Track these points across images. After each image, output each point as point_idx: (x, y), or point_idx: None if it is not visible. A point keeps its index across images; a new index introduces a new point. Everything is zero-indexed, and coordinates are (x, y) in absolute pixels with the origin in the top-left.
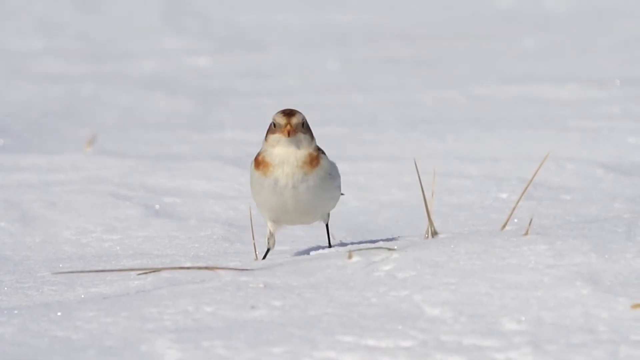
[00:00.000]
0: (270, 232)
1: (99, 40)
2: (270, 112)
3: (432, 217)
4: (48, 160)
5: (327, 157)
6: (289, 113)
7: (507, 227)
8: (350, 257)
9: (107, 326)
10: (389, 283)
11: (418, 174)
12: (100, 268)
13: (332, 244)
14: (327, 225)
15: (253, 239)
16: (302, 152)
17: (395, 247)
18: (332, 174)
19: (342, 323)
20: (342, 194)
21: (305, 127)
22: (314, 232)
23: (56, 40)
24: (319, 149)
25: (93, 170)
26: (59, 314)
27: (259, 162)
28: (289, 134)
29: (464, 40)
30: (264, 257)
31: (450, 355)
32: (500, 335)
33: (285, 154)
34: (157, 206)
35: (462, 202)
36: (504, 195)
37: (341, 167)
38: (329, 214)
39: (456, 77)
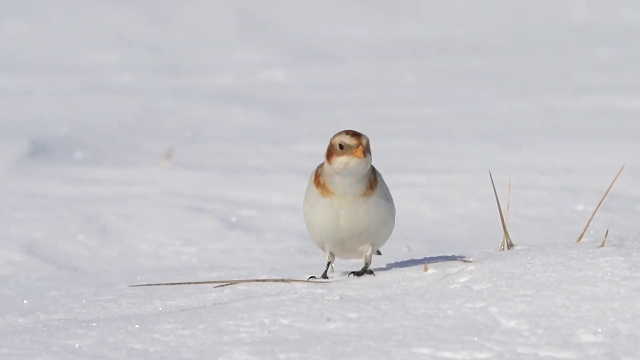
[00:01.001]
0: (328, 260)
1: (174, 54)
2: (345, 125)
3: (508, 229)
4: (125, 174)
5: (383, 181)
6: (355, 134)
7: (583, 239)
8: (426, 269)
9: (184, 339)
10: (465, 295)
11: (493, 186)
12: (177, 281)
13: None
14: (367, 263)
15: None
16: (364, 180)
17: (471, 259)
18: (388, 198)
19: (418, 335)
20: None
21: (368, 148)
22: (389, 244)
23: (132, 54)
24: (374, 169)
25: (170, 183)
26: (136, 326)
27: (319, 183)
28: (364, 154)
29: (538, 52)
30: (325, 274)
31: None
32: (576, 347)
33: (352, 179)
34: (233, 219)
35: (538, 214)
36: (580, 207)
37: (417, 179)
38: (377, 251)
39: (531, 89)
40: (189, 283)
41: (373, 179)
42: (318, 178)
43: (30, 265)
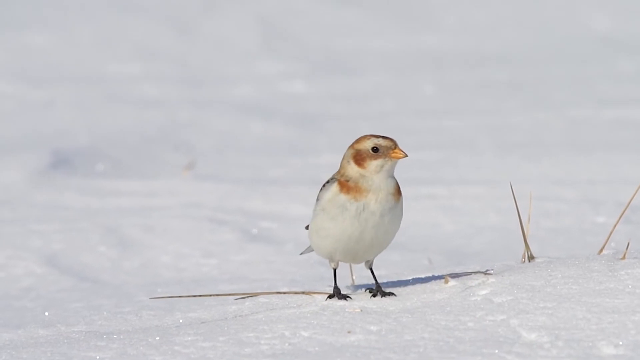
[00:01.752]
0: (334, 265)
1: (195, 66)
2: None
3: (529, 241)
4: (146, 186)
5: None
6: (384, 137)
7: (604, 251)
8: (446, 281)
9: (205, 351)
10: (485, 307)
11: (514, 198)
12: (198, 293)
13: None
14: (372, 269)
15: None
16: (394, 181)
17: (492, 272)
18: (400, 204)
19: (438, 347)
20: None
21: None
22: (410, 256)
23: (153, 65)
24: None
25: (190, 195)
26: (157, 338)
27: (348, 187)
28: (405, 153)
29: (560, 64)
30: (335, 285)
31: None
32: (597, 359)
33: (385, 181)
34: (254, 230)
35: (559, 226)
36: (601, 219)
37: (437, 191)
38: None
39: (552, 101)
40: (210, 295)
41: (398, 187)
42: (345, 184)
43: (51, 277)
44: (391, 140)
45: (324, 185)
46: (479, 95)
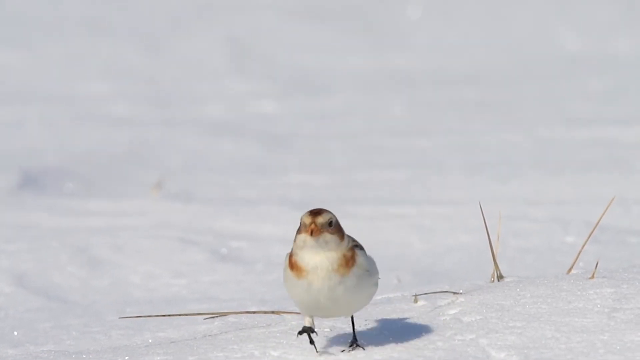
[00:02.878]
0: (308, 323)
1: (164, 85)
2: (336, 156)
3: (498, 261)
4: (115, 205)
5: (364, 253)
6: (316, 212)
7: (573, 271)
8: (416, 301)
9: None
10: (454, 327)
11: (483, 218)
12: (167, 312)
13: (357, 337)
14: (352, 318)
15: None
16: (334, 255)
17: (461, 291)
18: (370, 270)
19: None
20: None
21: (333, 227)
22: (381, 276)
23: (122, 85)
24: (354, 246)
25: (160, 214)
26: (126, 358)
27: (292, 264)
28: (312, 233)
29: (529, 83)
30: (311, 341)
31: None
32: None
33: (319, 259)
34: (223, 250)
35: (528, 245)
36: (570, 239)
37: (406, 210)
38: None
39: (521, 120)
40: (179, 315)
41: (350, 256)
42: (291, 259)
43: (19, 296)
44: (314, 217)
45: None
46: (448, 115)
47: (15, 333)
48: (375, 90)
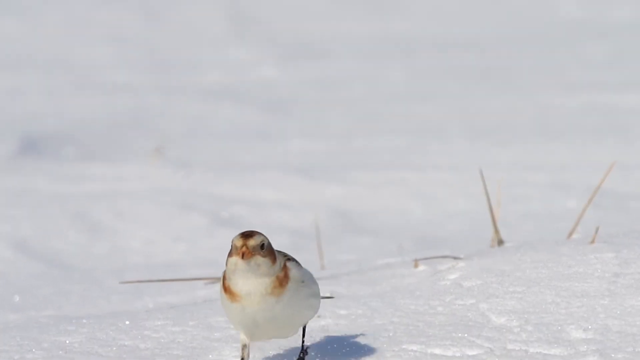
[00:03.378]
0: (243, 343)
1: (165, 51)
2: (336, 122)
3: (498, 226)
4: (115, 171)
5: (296, 264)
6: (247, 235)
7: (573, 236)
8: (416, 265)
9: (174, 335)
10: (455, 292)
11: (484, 183)
12: (167, 277)
13: (305, 348)
14: (304, 328)
15: (319, 247)
16: (267, 280)
17: (462, 256)
18: (306, 281)
19: (408, 332)
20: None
21: (265, 249)
22: (380, 242)
23: (123, 51)
24: (287, 260)
25: (160, 180)
26: (127, 323)
27: (225, 287)
28: (243, 256)
29: (529, 49)
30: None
31: None
32: (566, 343)
33: (252, 285)
34: (224, 215)
35: (529, 210)
36: (571, 204)
37: (407, 177)
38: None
39: (522, 86)
40: (179, 280)
41: (283, 276)
42: (225, 282)
43: (20, 262)
44: (245, 240)
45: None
46: (449, 81)
47: (16, 298)
48: (375, 57)
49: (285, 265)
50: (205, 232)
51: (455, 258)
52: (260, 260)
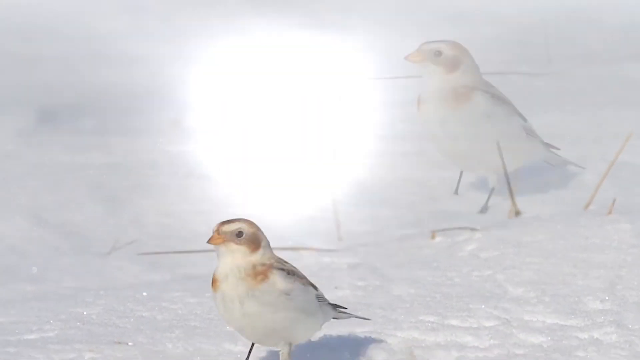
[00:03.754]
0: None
1: (181, 22)
2: None
3: (515, 198)
4: (133, 142)
5: (285, 275)
6: (224, 221)
7: (590, 207)
8: (433, 237)
9: (192, 307)
10: (472, 263)
11: (500, 154)
12: (186, 249)
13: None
14: (288, 351)
15: (336, 218)
16: (243, 262)
17: (479, 227)
18: (292, 295)
19: (425, 303)
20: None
21: (244, 238)
22: (397, 213)
23: (140, 22)
24: (278, 268)
25: (178, 151)
26: (144, 294)
27: (212, 280)
28: (211, 240)
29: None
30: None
31: (533, 335)
32: (583, 314)
33: (228, 265)
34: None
35: (546, 181)
36: (588, 175)
37: (423, 148)
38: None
39: (538, 56)
40: (197, 251)
41: (261, 270)
42: (214, 273)
43: (37, 234)
44: (219, 225)
45: None
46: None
47: (34, 270)
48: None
49: (270, 267)
50: (223, 203)
51: (472, 229)
52: (233, 247)
